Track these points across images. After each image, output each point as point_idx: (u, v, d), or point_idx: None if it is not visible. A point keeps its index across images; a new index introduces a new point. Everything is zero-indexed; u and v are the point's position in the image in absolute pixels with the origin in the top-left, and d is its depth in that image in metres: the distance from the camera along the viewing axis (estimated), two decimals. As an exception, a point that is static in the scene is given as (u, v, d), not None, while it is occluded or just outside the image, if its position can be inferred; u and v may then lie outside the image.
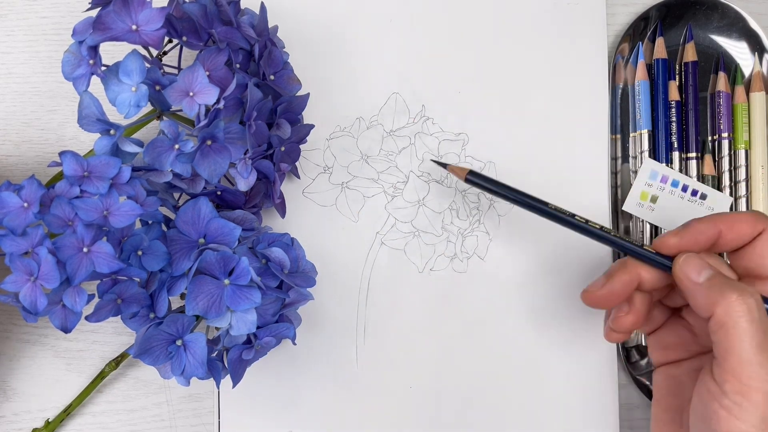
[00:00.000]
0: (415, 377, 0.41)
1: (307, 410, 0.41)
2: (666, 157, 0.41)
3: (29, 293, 0.29)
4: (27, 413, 0.41)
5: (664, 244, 0.33)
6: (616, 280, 0.34)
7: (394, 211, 0.42)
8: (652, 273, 0.34)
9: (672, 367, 0.35)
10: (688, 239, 0.33)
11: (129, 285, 0.32)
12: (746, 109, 0.42)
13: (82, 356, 0.41)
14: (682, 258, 0.32)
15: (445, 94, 0.42)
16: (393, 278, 0.41)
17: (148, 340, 0.32)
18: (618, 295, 0.34)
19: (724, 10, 0.43)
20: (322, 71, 0.42)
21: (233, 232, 0.33)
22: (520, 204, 0.35)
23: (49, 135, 0.43)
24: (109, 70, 0.31)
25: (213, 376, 0.33)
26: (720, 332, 0.29)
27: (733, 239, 0.33)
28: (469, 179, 0.36)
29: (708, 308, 0.30)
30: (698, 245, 0.33)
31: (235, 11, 0.35)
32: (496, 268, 0.42)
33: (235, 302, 0.32)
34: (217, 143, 0.32)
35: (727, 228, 0.32)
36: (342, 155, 0.42)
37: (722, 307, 0.29)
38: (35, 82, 0.43)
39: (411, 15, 0.43)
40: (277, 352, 0.40)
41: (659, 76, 0.42)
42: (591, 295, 0.34)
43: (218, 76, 0.33)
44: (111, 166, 0.31)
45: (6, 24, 0.43)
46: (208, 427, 0.41)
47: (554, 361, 0.41)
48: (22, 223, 0.29)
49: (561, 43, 0.43)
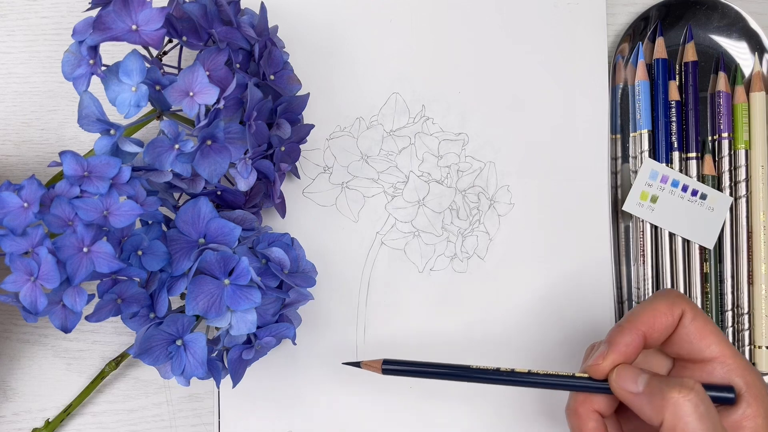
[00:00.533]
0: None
1: (307, 410, 0.41)
2: (666, 157, 0.41)
3: (29, 293, 0.29)
4: (27, 413, 0.41)
5: (596, 371, 0.32)
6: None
7: (394, 211, 0.42)
8: (602, 402, 0.33)
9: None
10: (617, 357, 0.32)
11: (129, 285, 0.32)
12: (746, 109, 0.42)
13: (82, 356, 0.41)
14: (614, 373, 0.32)
15: (445, 94, 0.42)
16: (393, 278, 0.41)
17: (148, 340, 0.32)
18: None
19: (724, 10, 0.43)
20: (322, 71, 0.42)
21: (233, 232, 0.33)
22: (442, 377, 0.35)
23: (49, 135, 0.43)
24: (109, 70, 0.31)
25: (213, 376, 0.33)
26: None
27: (659, 336, 0.32)
28: (386, 369, 0.35)
29: (656, 416, 0.30)
30: (628, 358, 0.32)
31: (235, 11, 0.35)
32: (496, 268, 0.42)
33: (235, 302, 0.32)
34: (217, 143, 0.32)
35: (648, 329, 0.32)
36: (342, 155, 0.42)
37: (669, 410, 0.29)
38: (35, 82, 0.43)
39: (411, 15, 0.43)
40: (277, 352, 0.40)
41: (659, 76, 0.42)
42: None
43: (218, 76, 0.33)
44: (111, 166, 0.31)
45: (6, 24, 0.43)
46: (208, 427, 0.41)
47: (554, 361, 0.41)
48: (22, 223, 0.29)
49: (561, 43, 0.43)
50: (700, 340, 0.32)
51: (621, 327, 0.32)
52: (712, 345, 0.32)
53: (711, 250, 0.41)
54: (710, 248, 0.41)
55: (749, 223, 0.41)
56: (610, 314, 0.41)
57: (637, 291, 0.41)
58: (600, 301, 0.41)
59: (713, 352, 0.32)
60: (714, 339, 0.32)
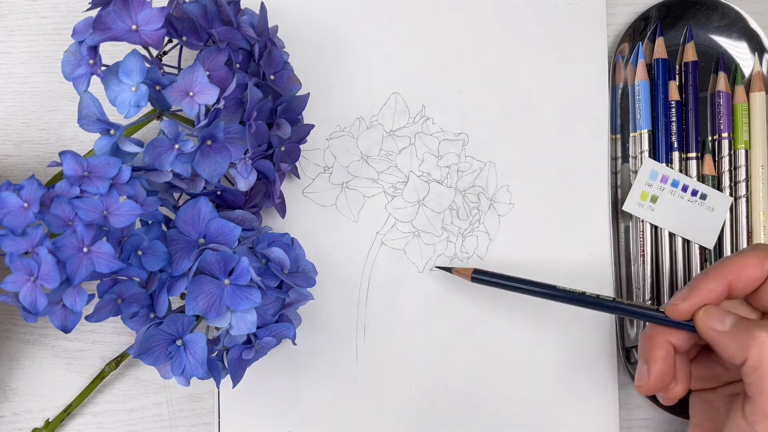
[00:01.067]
0: (415, 377, 0.41)
1: (307, 410, 0.41)
2: (666, 157, 0.41)
3: (29, 293, 0.29)
4: (27, 413, 0.41)
5: (675, 311, 0.33)
6: (655, 363, 0.33)
7: (394, 211, 0.42)
8: (679, 336, 0.33)
9: (706, 393, 0.35)
10: (698, 300, 0.32)
11: (129, 285, 0.32)
12: (746, 109, 0.42)
13: (82, 356, 0.41)
14: (701, 312, 0.32)
15: (445, 94, 0.42)
16: (393, 278, 0.41)
17: (148, 340, 0.32)
18: (667, 374, 0.33)
19: (724, 10, 0.43)
20: (322, 71, 0.42)
21: (233, 232, 0.33)
22: (528, 293, 0.36)
23: (49, 135, 0.43)
24: (109, 70, 0.31)
25: (213, 376, 0.33)
26: (755, 374, 0.29)
27: (744, 287, 0.32)
28: (475, 278, 0.38)
29: (740, 354, 0.30)
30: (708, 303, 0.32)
31: (235, 11, 0.35)
32: (497, 268, 0.41)
33: (235, 302, 0.32)
34: (217, 143, 0.32)
35: (735, 278, 0.32)
36: (342, 155, 0.42)
37: (755, 348, 0.29)
38: (35, 82, 0.43)
39: (411, 15, 0.43)
40: (277, 352, 0.40)
41: (659, 76, 0.42)
42: (645, 388, 0.34)
43: (218, 76, 0.33)
44: (111, 166, 0.31)
45: (6, 24, 0.43)
46: (208, 427, 0.41)
47: (554, 362, 0.41)
48: (22, 223, 0.29)
49: (561, 43, 0.43)
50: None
51: (706, 273, 0.32)
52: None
53: (711, 250, 0.41)
54: (710, 248, 0.41)
55: (749, 223, 0.41)
56: (610, 314, 0.41)
57: (637, 291, 0.41)
58: (600, 301, 0.41)
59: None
60: None
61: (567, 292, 0.36)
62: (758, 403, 0.29)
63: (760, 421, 0.29)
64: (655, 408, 0.41)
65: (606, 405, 0.41)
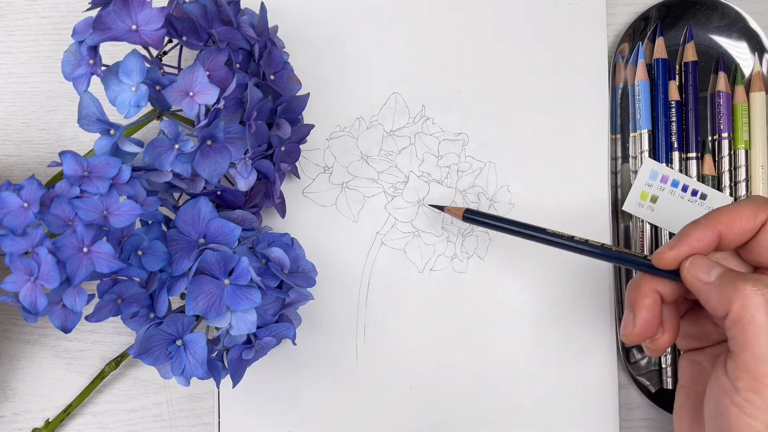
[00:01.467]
0: (415, 377, 0.41)
1: (307, 410, 0.41)
2: (666, 157, 0.41)
3: (29, 293, 0.29)
4: (27, 413, 0.41)
5: (661, 260, 0.32)
6: (641, 311, 0.32)
7: (394, 211, 0.42)
8: (667, 286, 0.32)
9: (696, 353, 0.34)
10: (686, 249, 0.31)
11: (129, 285, 0.32)
12: (746, 109, 0.42)
13: (82, 356, 0.41)
14: (688, 261, 0.31)
15: (445, 94, 0.42)
16: (393, 278, 0.41)
17: (148, 340, 0.32)
18: (652, 323, 0.32)
19: (724, 10, 0.43)
20: (322, 71, 0.42)
21: (233, 232, 0.33)
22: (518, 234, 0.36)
23: (49, 135, 0.43)
24: (109, 70, 0.31)
25: (213, 376, 0.33)
26: (736, 328, 0.28)
27: (735, 238, 0.31)
28: (466, 217, 0.37)
29: (723, 305, 0.29)
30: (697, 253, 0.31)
31: (235, 11, 0.35)
32: (496, 268, 0.42)
33: (235, 302, 0.32)
34: (217, 143, 0.32)
35: (726, 228, 0.31)
36: (342, 155, 0.42)
37: (738, 302, 0.28)
38: (35, 82, 0.43)
39: (411, 15, 0.43)
40: (277, 352, 0.40)
41: (659, 76, 0.42)
42: (630, 336, 0.33)
43: (218, 76, 0.33)
44: (111, 166, 0.31)
45: (6, 24, 0.43)
46: (208, 427, 0.41)
47: (554, 361, 0.41)
48: (22, 223, 0.29)
49: (561, 43, 0.43)
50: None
51: (697, 222, 0.31)
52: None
53: (711, 250, 0.41)
54: (710, 248, 0.41)
55: (749, 223, 0.41)
56: (610, 314, 0.41)
57: (637, 291, 0.41)
58: (600, 301, 0.41)
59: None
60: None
61: (555, 235, 0.34)
62: (740, 358, 0.28)
63: (742, 377, 0.28)
64: (655, 408, 0.41)
65: (606, 405, 0.41)
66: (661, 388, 0.41)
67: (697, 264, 0.31)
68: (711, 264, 0.30)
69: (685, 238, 0.31)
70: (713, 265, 0.30)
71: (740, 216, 0.31)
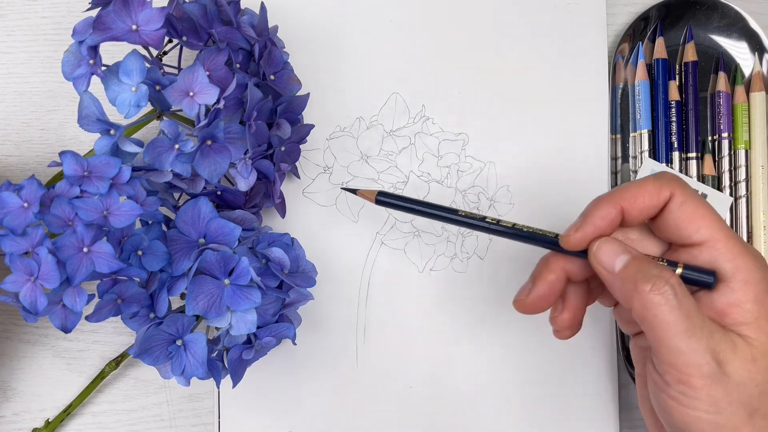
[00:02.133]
0: (416, 377, 0.41)
1: (307, 410, 0.41)
2: (666, 157, 0.41)
3: (29, 293, 0.29)
4: (27, 413, 0.41)
5: (568, 243, 0.31)
6: (541, 284, 0.32)
7: (394, 211, 0.42)
8: (576, 265, 0.32)
9: (640, 338, 0.34)
10: (591, 230, 0.30)
11: (129, 285, 0.32)
12: (746, 109, 0.42)
13: (82, 356, 0.41)
14: (595, 246, 0.30)
15: (445, 94, 0.42)
16: (393, 278, 0.41)
17: (148, 340, 0.32)
18: (547, 297, 0.32)
19: (724, 10, 0.43)
20: (322, 71, 0.42)
21: (233, 232, 0.33)
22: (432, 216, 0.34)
23: (49, 135, 0.43)
24: (109, 70, 0.31)
25: (213, 376, 0.33)
26: (644, 324, 0.28)
27: (638, 215, 0.30)
28: (379, 200, 0.35)
29: (626, 301, 0.29)
30: (602, 232, 0.30)
31: (235, 11, 0.35)
32: (496, 268, 0.42)
33: (235, 302, 0.32)
34: (217, 143, 0.32)
35: (628, 204, 0.30)
36: (342, 155, 0.42)
37: (638, 302, 0.28)
38: (35, 82, 0.43)
39: (411, 15, 0.43)
40: (277, 352, 0.40)
41: (659, 76, 0.42)
42: (520, 303, 0.32)
43: (218, 76, 0.33)
44: (111, 166, 0.31)
45: (6, 24, 0.43)
46: (208, 427, 0.41)
47: (554, 361, 0.41)
48: (22, 223, 0.29)
49: (561, 43, 0.43)
50: (688, 225, 0.30)
51: (600, 198, 0.31)
52: (702, 229, 0.30)
53: (711, 250, 0.41)
54: (710, 248, 0.41)
55: (749, 223, 0.41)
56: (610, 314, 0.41)
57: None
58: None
59: (702, 236, 0.30)
60: (704, 223, 0.30)
61: (468, 216, 0.33)
62: (659, 353, 0.28)
63: (667, 371, 0.28)
64: (655, 408, 0.41)
65: (606, 405, 0.41)
66: (661, 388, 0.41)
67: (603, 249, 0.30)
68: (618, 250, 0.30)
69: (589, 218, 0.30)
70: (620, 251, 0.30)
71: (643, 192, 0.30)
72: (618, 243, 0.30)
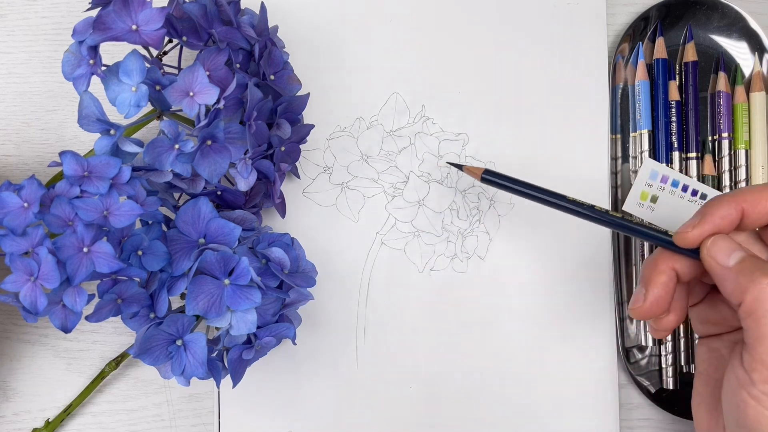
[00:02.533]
0: (416, 377, 0.41)
1: (307, 410, 0.41)
2: (666, 157, 0.41)
3: (29, 293, 0.29)
4: (27, 413, 0.41)
5: (683, 240, 0.31)
6: (654, 287, 0.32)
7: (394, 211, 0.42)
8: (685, 264, 0.32)
9: (713, 339, 0.34)
10: (709, 228, 0.30)
11: (129, 285, 0.32)
12: (746, 109, 0.42)
13: (82, 356, 0.41)
14: (710, 241, 0.30)
15: (445, 94, 0.42)
16: (393, 278, 0.41)
17: (148, 340, 0.32)
18: (664, 299, 0.32)
19: (724, 10, 0.43)
20: (322, 71, 0.42)
21: (233, 232, 0.33)
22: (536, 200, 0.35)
23: (49, 135, 0.43)
24: (109, 70, 0.31)
25: (213, 376, 0.33)
26: (749, 320, 0.28)
27: (758, 218, 0.30)
28: (485, 178, 0.36)
29: (738, 294, 0.28)
30: (720, 231, 0.30)
31: (235, 11, 0.35)
32: (496, 268, 0.42)
33: (235, 302, 0.32)
34: (217, 143, 0.32)
35: (750, 207, 0.30)
36: (342, 155, 0.42)
37: (752, 294, 0.28)
38: (35, 82, 0.43)
39: (411, 15, 0.43)
40: (277, 352, 0.40)
41: (659, 76, 0.42)
42: (638, 311, 0.32)
43: (218, 76, 0.33)
44: (111, 166, 0.31)
45: (6, 24, 0.43)
46: (208, 427, 0.41)
47: (554, 361, 0.41)
48: (22, 223, 0.29)
49: (561, 43, 0.43)
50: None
51: (720, 198, 0.31)
52: None
53: (711, 250, 0.41)
54: (710, 248, 0.41)
55: (749, 223, 0.41)
56: (610, 314, 0.41)
57: (637, 291, 0.41)
58: (600, 301, 0.41)
59: None
60: None
61: (576, 203, 0.33)
62: (755, 350, 0.28)
63: (757, 369, 0.28)
64: (655, 408, 0.41)
65: (606, 405, 0.41)
66: (661, 388, 0.41)
67: (717, 246, 0.30)
68: (732, 246, 0.30)
69: (709, 216, 0.30)
70: (734, 247, 0.30)
71: (766, 195, 0.30)
72: (732, 240, 0.30)
